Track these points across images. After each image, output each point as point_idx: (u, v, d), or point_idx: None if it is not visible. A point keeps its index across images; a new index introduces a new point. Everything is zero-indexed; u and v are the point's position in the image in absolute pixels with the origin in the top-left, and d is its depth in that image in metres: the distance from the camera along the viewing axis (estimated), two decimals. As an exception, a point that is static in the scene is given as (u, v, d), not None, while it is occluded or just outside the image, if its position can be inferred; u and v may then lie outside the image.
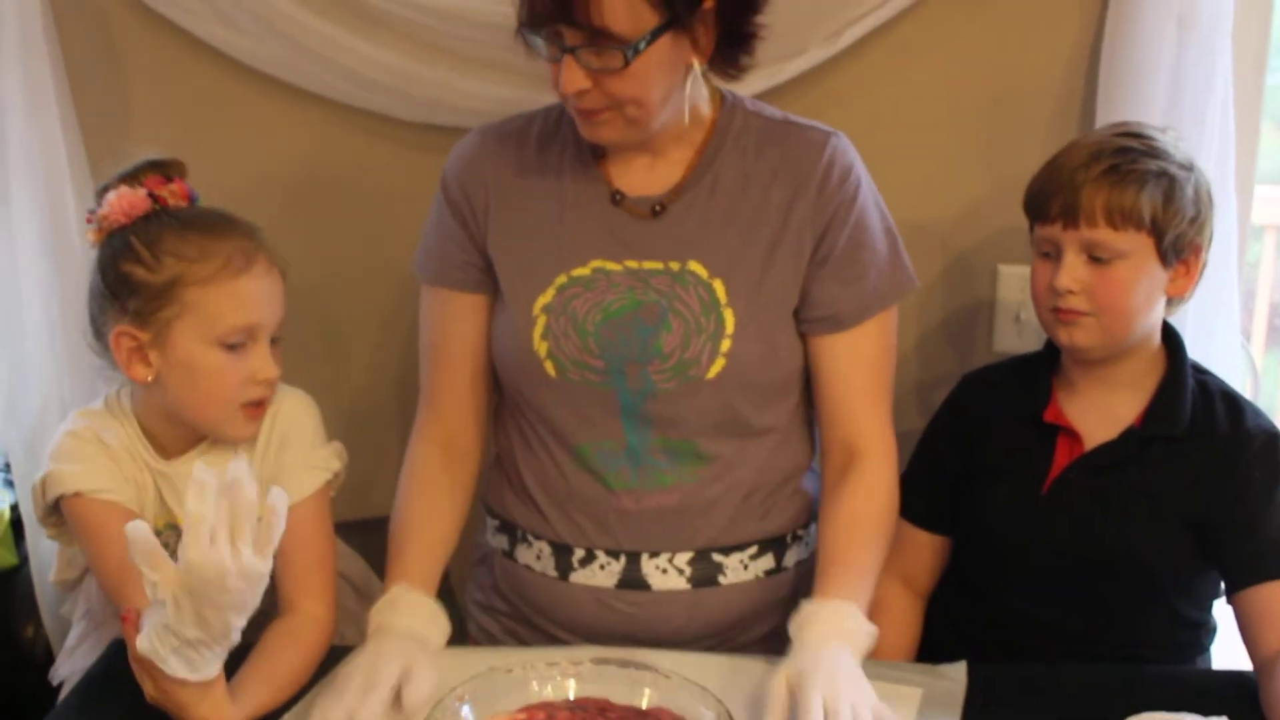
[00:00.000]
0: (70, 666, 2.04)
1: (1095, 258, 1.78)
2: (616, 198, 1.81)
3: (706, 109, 1.82)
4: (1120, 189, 1.75)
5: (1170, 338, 1.88)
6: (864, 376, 1.83)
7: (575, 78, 1.65)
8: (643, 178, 1.82)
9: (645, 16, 1.62)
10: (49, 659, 2.28)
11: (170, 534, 1.85)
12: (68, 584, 2.02)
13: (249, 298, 1.75)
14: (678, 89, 1.72)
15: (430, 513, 1.87)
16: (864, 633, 1.66)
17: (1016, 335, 2.26)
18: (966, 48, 2.19)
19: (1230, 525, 1.79)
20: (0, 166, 2.19)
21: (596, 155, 1.83)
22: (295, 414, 1.87)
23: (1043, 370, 1.92)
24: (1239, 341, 2.20)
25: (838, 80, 2.20)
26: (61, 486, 1.77)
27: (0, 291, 2.25)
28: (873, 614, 1.75)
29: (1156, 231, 1.77)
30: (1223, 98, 2.09)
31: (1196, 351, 1.92)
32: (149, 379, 1.77)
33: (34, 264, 2.24)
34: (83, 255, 2.24)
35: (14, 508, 2.39)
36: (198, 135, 2.29)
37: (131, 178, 1.79)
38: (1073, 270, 1.78)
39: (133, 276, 1.74)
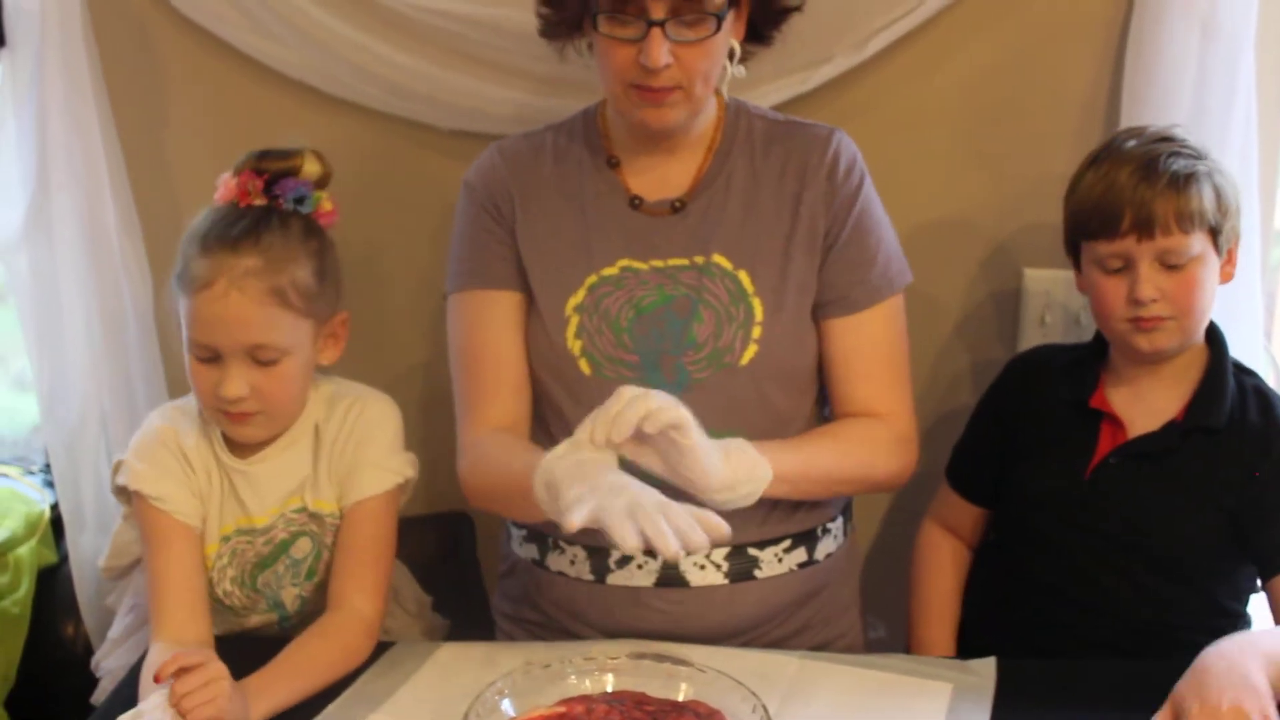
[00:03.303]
0: (116, 660, 2.08)
1: (1170, 265, 1.83)
2: (635, 202, 1.88)
3: (714, 111, 1.89)
4: (1184, 195, 1.81)
5: (1212, 334, 1.93)
6: (877, 358, 1.90)
7: (663, 51, 1.71)
8: (658, 182, 1.89)
9: None
10: (88, 655, 2.32)
11: (239, 539, 1.90)
12: (115, 572, 2.07)
13: (200, 317, 1.79)
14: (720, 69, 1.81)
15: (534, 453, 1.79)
16: (749, 456, 1.68)
17: (1041, 338, 2.29)
18: (992, 54, 2.23)
19: (1260, 515, 1.84)
20: (41, 174, 2.25)
21: (611, 164, 1.90)
22: (378, 417, 1.92)
23: (1091, 360, 1.98)
24: (1261, 343, 2.24)
25: (864, 87, 2.24)
26: (127, 480, 1.85)
27: (41, 297, 2.31)
28: (921, 555, 2.01)
29: (1214, 227, 1.84)
30: (1246, 105, 2.12)
31: (1219, 354, 1.96)
32: None
33: (73, 270, 2.29)
34: (120, 261, 2.31)
35: (54, 507, 2.44)
36: (233, 140, 2.31)
37: (240, 164, 1.88)
38: (1152, 279, 1.83)
39: (179, 258, 1.83)
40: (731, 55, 1.83)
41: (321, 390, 1.92)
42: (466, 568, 2.33)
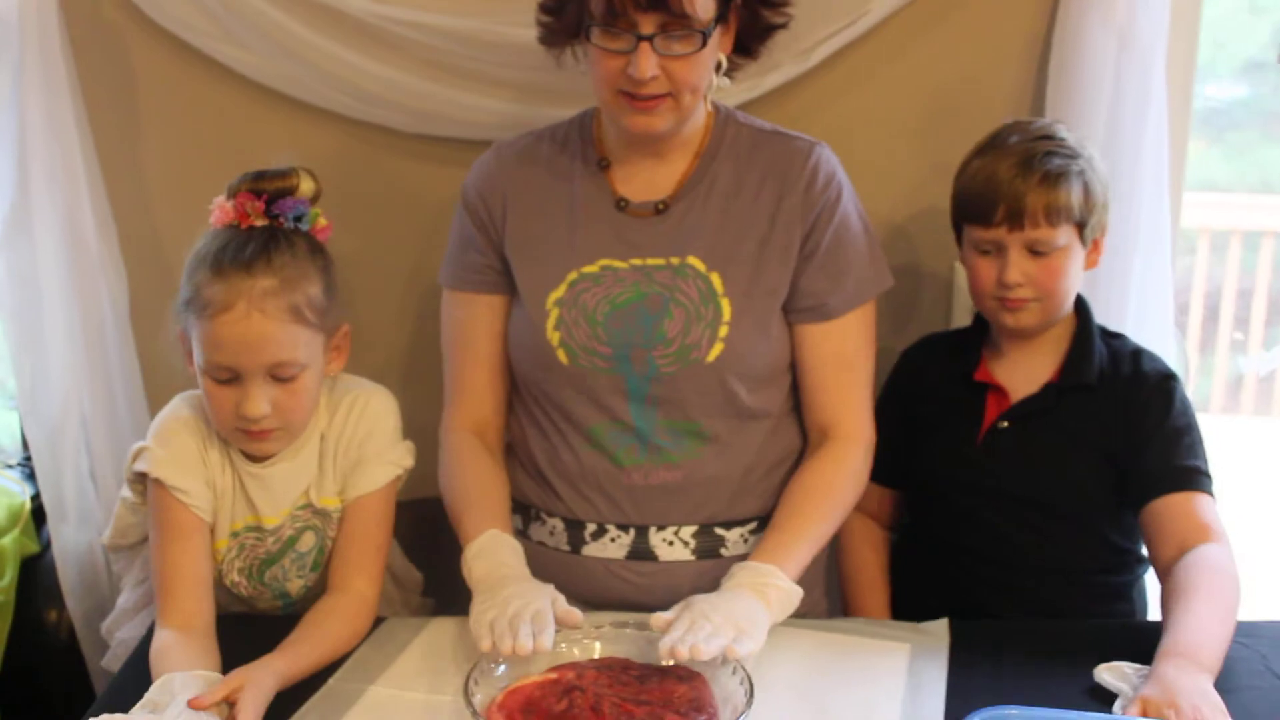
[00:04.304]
0: (129, 632, 2.15)
1: (1036, 252, 2.00)
2: (621, 204, 1.99)
3: (702, 118, 2.00)
4: (1054, 191, 1.98)
5: (1079, 305, 2.11)
6: (844, 364, 2.02)
7: (651, 64, 1.82)
8: (645, 184, 2.00)
9: (712, 4, 1.83)
10: (72, 641, 2.42)
11: (248, 535, 1.97)
12: (119, 548, 2.13)
13: (221, 340, 1.81)
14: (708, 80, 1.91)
15: (490, 479, 2.03)
16: (781, 590, 1.84)
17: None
18: (925, 63, 2.38)
19: (1132, 454, 2.02)
20: (21, 178, 2.32)
21: (602, 166, 2.01)
22: (380, 412, 1.99)
23: (972, 339, 2.16)
24: (1173, 334, 2.40)
25: (809, 93, 2.37)
26: (146, 466, 1.89)
27: (23, 299, 2.38)
28: (842, 540, 2.11)
29: (1080, 221, 2.01)
30: (1158, 110, 2.28)
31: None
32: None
33: (53, 273, 2.36)
34: (99, 265, 2.39)
35: (34, 498, 2.51)
36: (206, 146, 2.44)
37: (235, 186, 1.90)
38: (1019, 266, 2.01)
39: (186, 282, 1.86)
40: (719, 67, 1.93)
41: (322, 396, 1.97)
42: (452, 547, 2.42)
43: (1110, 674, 1.76)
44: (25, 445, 2.53)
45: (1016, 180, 1.98)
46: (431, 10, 2.28)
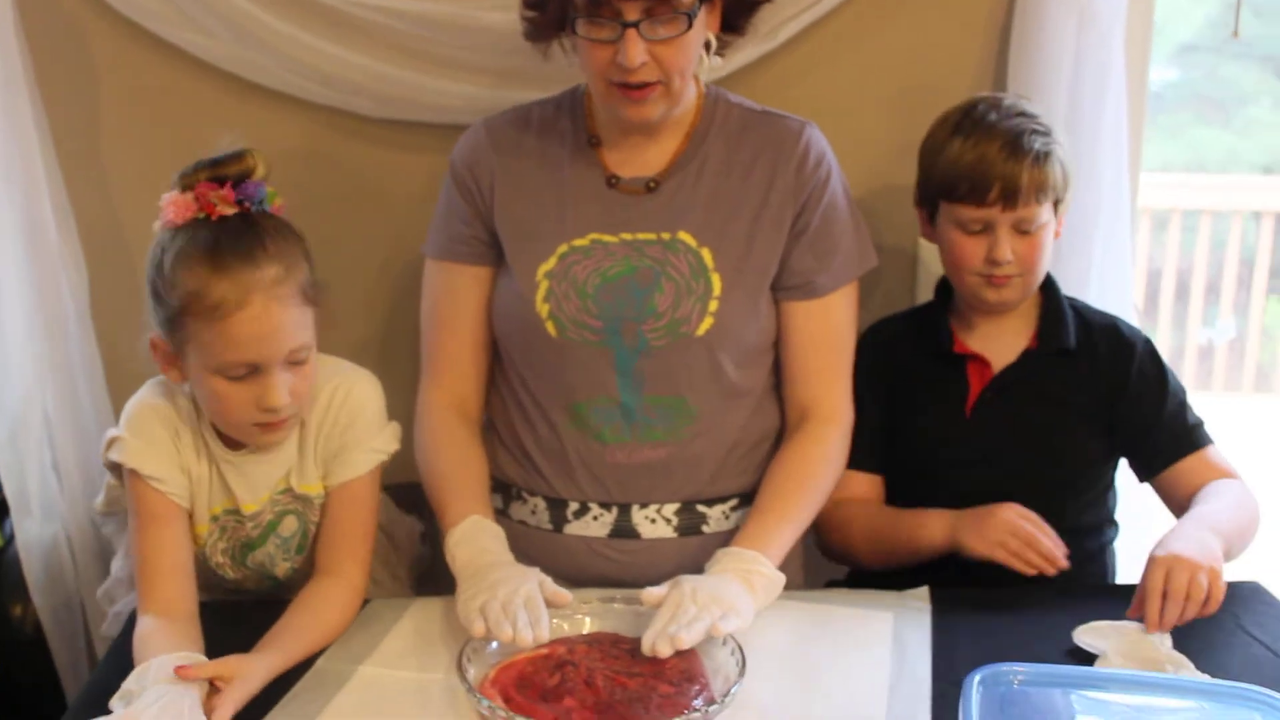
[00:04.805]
0: (127, 605, 2.13)
1: (1022, 231, 2.04)
2: (612, 181, 2.00)
3: (693, 98, 2.01)
4: (1043, 171, 2.03)
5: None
6: (828, 343, 2.05)
7: (639, 51, 1.83)
8: (636, 162, 2.01)
9: None
10: (38, 636, 2.38)
11: (228, 518, 1.95)
12: (111, 515, 2.11)
13: (240, 338, 1.76)
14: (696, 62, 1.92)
15: (470, 459, 2.03)
16: (765, 575, 1.86)
17: (936, 301, 2.47)
18: (889, 42, 2.40)
19: (1135, 424, 2.09)
20: (-22, 176, 2.27)
21: (592, 143, 2.02)
22: (363, 397, 1.95)
23: (940, 313, 2.19)
24: (1132, 309, 2.44)
25: (774, 72, 2.39)
26: (120, 457, 1.86)
27: (-20, 293, 2.33)
28: (839, 522, 2.08)
29: (1058, 199, 2.07)
30: (1117, 91, 2.32)
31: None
32: (181, 382, 1.87)
33: (12, 267, 2.32)
34: (59, 258, 2.36)
35: (-4, 492, 2.47)
36: (168, 137, 2.40)
37: (189, 176, 1.82)
38: (1008, 242, 2.04)
39: (158, 290, 1.79)
40: (708, 46, 1.95)
41: None
42: (434, 534, 2.41)
43: (1089, 635, 1.80)
44: (-14, 440, 2.49)
45: (1009, 161, 2.01)
46: (401, -5, 2.28)
